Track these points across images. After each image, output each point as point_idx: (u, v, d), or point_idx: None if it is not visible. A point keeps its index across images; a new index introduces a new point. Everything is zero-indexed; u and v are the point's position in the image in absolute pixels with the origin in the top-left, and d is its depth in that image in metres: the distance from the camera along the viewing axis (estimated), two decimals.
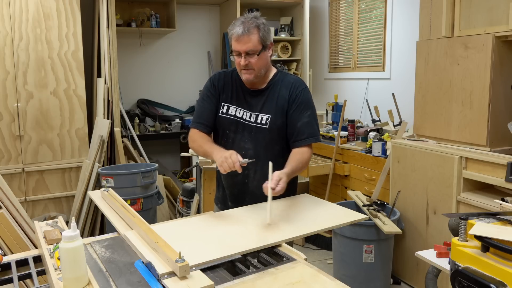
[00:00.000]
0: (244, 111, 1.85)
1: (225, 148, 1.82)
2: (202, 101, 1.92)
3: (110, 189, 1.85)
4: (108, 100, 3.74)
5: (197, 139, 1.85)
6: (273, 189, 1.56)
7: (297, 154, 1.79)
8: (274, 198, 1.70)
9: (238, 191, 1.89)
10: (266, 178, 1.68)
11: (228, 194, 1.94)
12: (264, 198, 1.70)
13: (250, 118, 1.84)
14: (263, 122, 1.82)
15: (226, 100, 1.88)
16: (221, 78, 1.92)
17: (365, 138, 3.58)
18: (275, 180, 1.58)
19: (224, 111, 1.87)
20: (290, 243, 1.59)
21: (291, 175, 1.70)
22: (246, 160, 1.62)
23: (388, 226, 2.71)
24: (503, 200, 2.13)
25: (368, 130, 3.60)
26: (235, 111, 1.86)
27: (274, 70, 1.90)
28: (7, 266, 1.39)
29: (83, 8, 3.73)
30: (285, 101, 1.83)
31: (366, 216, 1.71)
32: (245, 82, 1.85)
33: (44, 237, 1.46)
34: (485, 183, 2.45)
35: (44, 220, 2.12)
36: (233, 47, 1.75)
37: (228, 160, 1.58)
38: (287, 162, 1.74)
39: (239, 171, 1.59)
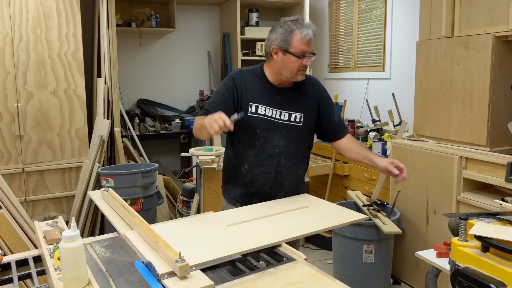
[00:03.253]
0: (274, 110, 1.86)
1: (256, 147, 1.86)
2: (216, 96, 1.88)
3: (110, 189, 1.85)
4: (108, 100, 3.74)
5: (200, 120, 1.77)
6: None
7: (354, 141, 1.99)
8: (285, 178, 1.90)
9: (270, 188, 1.89)
10: (297, 174, 1.95)
11: (257, 191, 1.90)
12: (292, 192, 1.95)
13: (281, 116, 1.86)
14: (297, 120, 1.88)
15: (253, 100, 1.85)
16: (243, 76, 1.89)
17: (365, 138, 3.58)
18: (401, 166, 1.73)
19: (253, 110, 1.84)
20: (294, 243, 1.59)
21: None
22: (235, 115, 1.60)
23: (388, 226, 2.71)
24: (503, 200, 2.13)
25: (368, 130, 3.60)
26: (265, 110, 1.85)
27: None
28: (7, 266, 1.39)
29: (83, 8, 3.73)
30: (315, 100, 1.93)
31: (366, 216, 1.71)
32: (274, 81, 1.87)
33: (44, 237, 1.46)
34: (485, 183, 2.45)
35: (44, 220, 2.12)
36: (301, 49, 1.76)
37: (218, 120, 1.53)
38: (365, 151, 1.91)
39: (231, 128, 1.55)
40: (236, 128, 1.81)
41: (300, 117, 1.88)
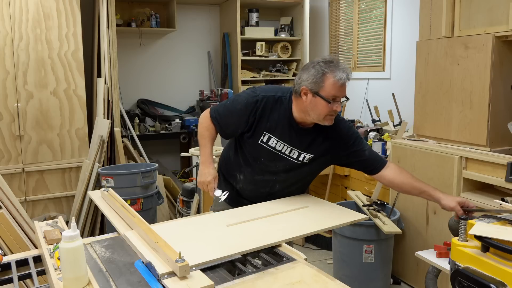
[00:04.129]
0: (285, 145, 1.79)
1: (255, 169, 1.84)
2: (234, 110, 1.81)
3: (110, 189, 1.85)
4: (108, 100, 3.74)
5: (206, 130, 1.84)
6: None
7: (407, 175, 1.82)
8: (276, 198, 1.85)
9: (259, 201, 1.88)
10: (291, 190, 1.92)
11: (246, 198, 1.93)
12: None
13: (291, 153, 1.80)
14: (305, 160, 1.81)
15: (270, 130, 1.77)
16: (268, 103, 1.78)
17: (365, 138, 3.58)
18: (471, 206, 1.66)
19: (265, 140, 1.79)
20: (290, 243, 1.59)
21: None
22: (220, 193, 1.76)
23: (388, 226, 2.71)
24: (503, 200, 2.13)
25: (368, 130, 3.60)
26: (276, 143, 1.78)
27: None
28: (7, 266, 1.39)
29: (83, 8, 3.73)
30: (332, 143, 1.81)
31: (366, 216, 1.71)
32: (298, 118, 1.76)
33: (44, 237, 1.46)
34: (485, 183, 2.45)
35: (44, 220, 2.12)
36: (332, 93, 1.65)
37: (205, 186, 1.75)
38: (420, 185, 1.77)
39: (211, 195, 1.75)
40: (243, 143, 1.84)
41: (309, 158, 1.81)
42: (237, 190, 1.95)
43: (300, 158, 1.80)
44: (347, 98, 1.71)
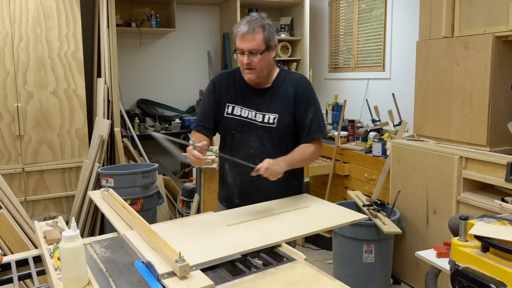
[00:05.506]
0: (249, 111, 1.85)
1: (233, 148, 1.85)
2: (203, 104, 1.95)
3: (110, 189, 1.85)
4: (108, 100, 3.74)
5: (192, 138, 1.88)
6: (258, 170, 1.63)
7: (301, 147, 1.84)
8: (277, 197, 1.81)
9: (247, 189, 1.90)
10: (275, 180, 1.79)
11: (237, 192, 1.93)
12: (275, 194, 1.85)
13: (256, 117, 1.84)
14: (271, 121, 1.83)
15: (231, 101, 1.87)
16: (222, 78, 1.92)
17: (365, 138, 3.58)
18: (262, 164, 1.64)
19: (229, 111, 1.87)
20: (292, 243, 1.59)
21: (290, 162, 1.74)
22: (192, 143, 1.71)
23: (388, 226, 2.71)
24: (503, 200, 2.13)
25: (368, 130, 3.60)
26: (241, 111, 1.85)
27: (277, 70, 1.91)
28: (7, 266, 1.39)
29: (83, 8, 3.73)
30: (291, 100, 1.84)
31: (366, 216, 1.71)
32: (248, 81, 1.84)
33: (44, 237, 1.46)
34: (485, 183, 2.45)
35: (44, 220, 2.12)
36: (237, 45, 1.76)
37: (189, 155, 1.68)
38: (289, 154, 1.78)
39: (200, 156, 1.66)
40: (219, 130, 1.92)
41: (274, 118, 1.82)
42: (228, 187, 1.96)
43: (266, 120, 1.83)
44: (251, 52, 1.72)
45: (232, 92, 1.88)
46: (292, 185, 1.94)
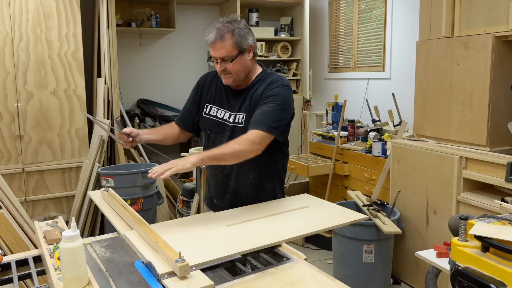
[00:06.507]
0: (224, 112, 1.85)
1: (209, 148, 1.84)
2: (187, 101, 2.03)
3: (110, 189, 1.85)
4: (108, 100, 3.74)
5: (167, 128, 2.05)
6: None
7: (232, 140, 1.67)
8: (252, 201, 1.82)
9: (220, 190, 1.91)
10: (247, 177, 1.82)
11: (213, 192, 1.96)
12: (248, 197, 1.83)
13: (229, 118, 1.83)
14: (239, 121, 1.80)
15: (209, 101, 1.90)
16: (207, 78, 1.95)
17: (365, 138, 3.58)
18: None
19: (207, 111, 1.90)
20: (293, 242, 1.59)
21: (205, 156, 1.59)
22: (116, 127, 1.76)
23: (388, 226, 2.71)
24: (503, 200, 2.13)
25: (368, 130, 3.60)
26: (216, 111, 1.87)
27: (259, 71, 1.86)
28: (7, 266, 1.39)
29: (83, 8, 3.73)
30: (258, 98, 1.77)
31: (366, 216, 1.71)
32: (226, 84, 1.83)
33: (44, 237, 1.46)
34: (485, 183, 2.45)
35: (44, 220, 2.12)
36: (210, 53, 1.75)
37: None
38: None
39: (122, 139, 1.74)
40: (200, 130, 1.97)
41: (242, 118, 1.78)
42: (209, 187, 2.00)
43: (236, 120, 1.79)
44: (223, 59, 1.69)
45: (213, 92, 1.90)
46: (265, 187, 1.86)
